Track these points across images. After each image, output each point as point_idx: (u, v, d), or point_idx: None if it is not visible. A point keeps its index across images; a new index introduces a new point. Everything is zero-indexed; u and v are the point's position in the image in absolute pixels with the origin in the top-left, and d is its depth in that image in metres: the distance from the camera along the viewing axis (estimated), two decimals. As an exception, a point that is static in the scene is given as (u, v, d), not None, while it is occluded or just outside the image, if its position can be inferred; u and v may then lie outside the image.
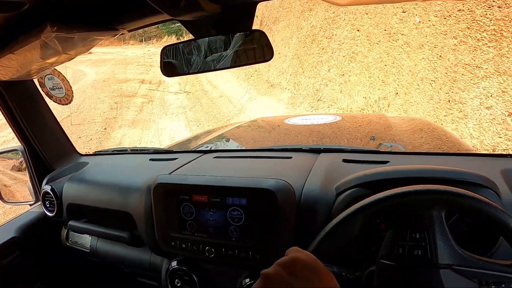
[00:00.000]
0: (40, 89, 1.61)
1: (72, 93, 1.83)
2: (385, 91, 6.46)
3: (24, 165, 1.71)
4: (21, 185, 1.83)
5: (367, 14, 7.34)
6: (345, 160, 1.25)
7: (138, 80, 17.19)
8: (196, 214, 1.15)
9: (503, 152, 2.33)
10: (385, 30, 6.74)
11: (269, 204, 1.02)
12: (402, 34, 6.31)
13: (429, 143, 2.12)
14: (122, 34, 1.06)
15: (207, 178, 1.16)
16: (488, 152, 2.55)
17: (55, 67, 1.44)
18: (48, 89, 1.70)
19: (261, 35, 0.93)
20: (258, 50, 0.95)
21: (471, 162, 1.19)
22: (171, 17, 0.88)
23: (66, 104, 1.83)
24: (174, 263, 1.25)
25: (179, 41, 1.02)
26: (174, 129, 9.36)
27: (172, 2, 0.74)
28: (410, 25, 6.10)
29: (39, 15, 0.84)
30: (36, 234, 1.63)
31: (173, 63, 1.06)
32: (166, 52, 1.05)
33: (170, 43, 1.03)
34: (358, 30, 7.59)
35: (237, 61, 0.98)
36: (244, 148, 2.17)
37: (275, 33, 11.97)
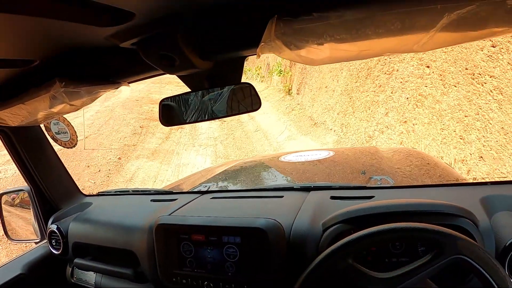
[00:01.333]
0: (46, 133, 1.70)
1: (77, 137, 1.97)
2: (464, 152, 4.73)
3: (29, 204, 1.76)
4: (26, 224, 1.86)
5: (441, 47, 5.65)
6: (332, 197, 1.33)
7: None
8: (195, 251, 1.23)
9: (484, 180, 2.30)
10: (466, 69, 4.98)
11: (261, 242, 1.11)
12: (491, 76, 4.55)
13: (417, 173, 2.29)
14: (123, 85, 1.12)
15: (204, 218, 1.25)
16: (470, 181, 2.50)
17: (61, 114, 1.50)
18: (54, 133, 1.88)
19: (250, 86, 1.03)
20: (247, 100, 1.04)
21: (453, 192, 1.31)
22: (168, 73, 0.95)
23: (71, 148, 2.00)
24: None
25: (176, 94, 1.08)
26: (198, 166, 8.05)
27: (168, 62, 0.83)
28: (504, 64, 4.39)
29: (48, 70, 0.98)
30: (42, 271, 1.68)
31: (171, 114, 1.12)
32: (164, 103, 1.11)
33: (172, 95, 1.09)
34: (428, 67, 5.88)
35: (229, 111, 1.06)
36: (240, 188, 2.22)
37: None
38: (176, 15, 0.74)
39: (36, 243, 1.80)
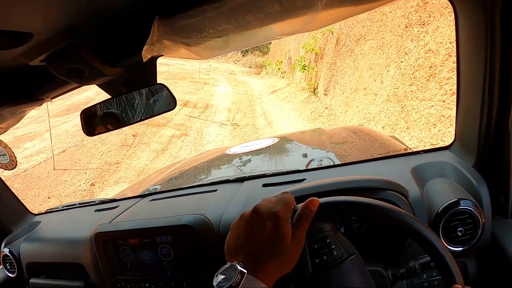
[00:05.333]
0: None
1: (16, 158, 1.80)
2: None
3: None
4: None
5: None
6: (264, 185, 1.34)
7: (182, 102, 14.22)
8: (133, 255, 1.23)
9: (417, 149, 1.78)
10: None
11: (190, 238, 1.14)
12: None
13: (359, 150, 2.33)
14: (46, 102, 1.12)
15: (137, 222, 1.26)
16: (400, 152, 2.02)
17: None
18: None
19: (164, 87, 1.00)
20: (163, 101, 1.04)
21: (386, 165, 1.31)
22: (82, 84, 0.94)
23: (12, 169, 1.80)
24: None
25: (96, 102, 1.08)
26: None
27: (77, 74, 0.83)
28: None
29: None
30: None
31: (94, 123, 1.09)
32: (86, 113, 1.08)
33: (90, 105, 1.07)
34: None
35: (148, 113, 1.05)
36: (183, 186, 2.00)
37: (359, 58, 8.20)
38: (73, 29, 0.74)
39: None
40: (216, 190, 1.46)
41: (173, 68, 23.93)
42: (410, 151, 1.66)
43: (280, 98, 13.87)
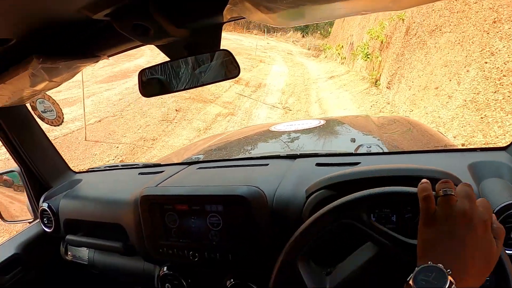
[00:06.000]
0: (32, 112, 1.67)
1: (63, 114, 1.86)
2: None
3: (22, 184, 1.77)
4: (19, 204, 1.87)
5: None
6: (318, 164, 1.31)
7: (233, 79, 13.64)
8: (179, 221, 1.22)
9: (473, 147, 2.22)
10: None
11: (243, 210, 1.10)
12: None
13: (409, 140, 2.35)
14: (102, 59, 1.11)
15: (187, 188, 1.25)
16: (459, 147, 2.23)
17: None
18: (40, 112, 1.77)
19: (228, 53, 0.97)
20: (226, 67, 1.00)
21: (442, 158, 1.26)
22: (144, 43, 0.94)
23: (58, 125, 1.86)
24: (164, 269, 1.34)
25: (157, 63, 1.07)
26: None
27: (142, 32, 0.81)
28: None
29: (25, 48, 0.93)
30: (37, 250, 1.69)
31: (151, 84, 1.10)
32: (144, 73, 1.10)
33: (151, 65, 1.06)
34: None
35: (209, 79, 1.03)
36: (227, 157, 2.19)
37: (432, 52, 7.17)
38: None
39: (29, 223, 1.80)
40: (268, 164, 1.43)
41: (230, 43, 23.49)
42: (467, 147, 1.59)
43: (337, 85, 12.94)
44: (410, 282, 0.58)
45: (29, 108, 1.67)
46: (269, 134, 2.69)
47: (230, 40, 26.12)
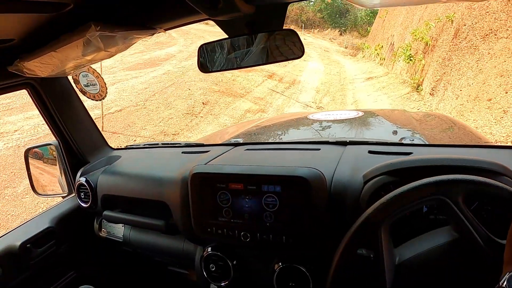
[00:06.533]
0: (74, 85, 1.66)
1: (106, 89, 1.90)
2: None
3: (55, 159, 1.76)
4: (52, 179, 1.86)
5: None
6: (370, 152, 1.30)
7: (266, 72, 13.27)
8: (233, 201, 1.19)
9: None
10: None
11: (302, 191, 1.08)
12: None
13: (450, 136, 2.27)
14: (159, 32, 1.11)
15: (242, 167, 1.21)
16: (507, 145, 1.96)
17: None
18: (83, 85, 1.87)
19: (293, 33, 0.96)
20: (291, 48, 0.99)
21: (491, 153, 1.24)
22: (208, 17, 0.92)
23: (100, 100, 1.91)
24: (209, 249, 1.31)
25: (217, 39, 1.07)
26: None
27: (211, 4, 0.79)
28: None
29: (82, 14, 0.91)
30: (70, 225, 1.69)
31: (209, 59, 1.10)
32: (203, 49, 1.10)
33: (211, 41, 1.07)
34: None
35: (270, 58, 1.02)
36: (273, 141, 2.22)
37: (485, 58, 6.47)
38: None
39: (63, 197, 1.79)
40: (319, 149, 1.41)
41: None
42: None
43: (375, 87, 12.27)
44: (503, 285, 0.56)
45: (71, 81, 1.66)
46: (307, 121, 2.63)
47: (266, 34, 25.68)
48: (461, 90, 6.84)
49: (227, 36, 1.02)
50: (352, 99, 10.94)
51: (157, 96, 8.95)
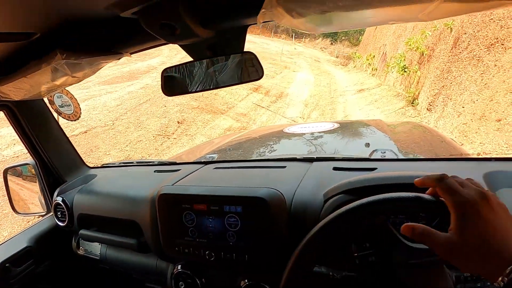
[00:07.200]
0: (49, 106, 1.63)
1: (80, 110, 1.95)
2: None
3: (35, 178, 1.76)
4: (32, 197, 1.88)
5: None
6: (335, 168, 1.32)
7: (252, 85, 12.56)
8: (197, 221, 1.22)
9: (488, 156, 1.65)
10: None
11: (262, 212, 1.10)
12: None
13: (421, 147, 2.32)
14: (125, 56, 1.12)
15: (206, 188, 1.24)
16: (474, 156, 2.22)
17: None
18: (58, 106, 1.95)
19: (252, 56, 0.98)
20: (250, 69, 1.02)
21: (457, 166, 1.27)
22: (169, 43, 0.95)
23: (75, 120, 2.02)
24: (178, 267, 1.34)
25: (180, 63, 1.09)
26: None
27: (169, 31, 0.82)
28: None
29: (49, 42, 0.94)
30: (49, 244, 1.70)
31: (173, 84, 1.12)
32: (167, 73, 1.11)
33: (173, 65, 1.08)
34: None
35: (231, 81, 1.04)
36: (243, 158, 2.23)
37: (491, 71, 5.72)
38: None
39: (42, 216, 1.80)
40: (285, 167, 1.43)
41: (255, 46, 22.53)
42: (482, 156, 1.74)
43: (367, 100, 11.53)
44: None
45: (47, 102, 1.67)
46: (283, 135, 2.71)
47: (256, 43, 25.26)
48: (463, 107, 6.08)
49: (191, 59, 1.03)
50: (343, 114, 10.20)
51: (129, 114, 8.13)
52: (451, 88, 6.91)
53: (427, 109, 7.78)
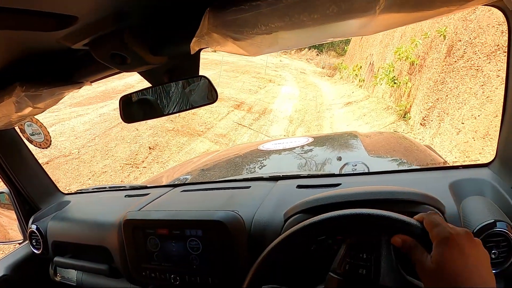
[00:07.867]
0: (21, 135, 1.70)
1: (50, 137, 1.88)
2: None
3: (11, 205, 1.75)
4: (11, 224, 1.86)
5: None
6: (299, 186, 1.33)
7: (235, 102, 11.84)
8: (161, 246, 1.23)
9: (455, 164, 1.98)
10: None
11: (221, 234, 1.11)
12: None
13: (395, 158, 2.29)
14: (86, 85, 1.13)
15: (167, 212, 1.26)
16: (440, 165, 2.05)
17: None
18: (29, 134, 1.81)
19: (206, 79, 1.01)
20: (204, 93, 1.04)
21: (424, 177, 1.27)
22: (123, 71, 0.95)
23: (46, 148, 1.89)
24: None
25: (138, 89, 1.08)
26: None
27: (120, 60, 0.84)
28: None
29: (9, 76, 0.97)
30: (26, 271, 1.70)
31: (132, 110, 1.11)
32: (125, 100, 1.10)
33: (132, 91, 1.08)
34: None
35: (188, 105, 1.06)
36: (215, 179, 2.22)
37: (493, 84, 5.08)
38: (120, 14, 0.74)
39: (19, 244, 1.80)
40: (250, 187, 1.44)
41: (239, 60, 21.95)
42: (449, 165, 1.63)
43: (356, 114, 10.88)
44: None
45: (18, 131, 1.68)
46: (257, 153, 2.73)
47: (239, 56, 24.55)
48: (463, 123, 5.43)
49: (150, 85, 1.03)
50: (330, 131, 9.51)
51: (98, 140, 7.38)
52: (447, 102, 6.28)
53: (421, 124, 7.14)
